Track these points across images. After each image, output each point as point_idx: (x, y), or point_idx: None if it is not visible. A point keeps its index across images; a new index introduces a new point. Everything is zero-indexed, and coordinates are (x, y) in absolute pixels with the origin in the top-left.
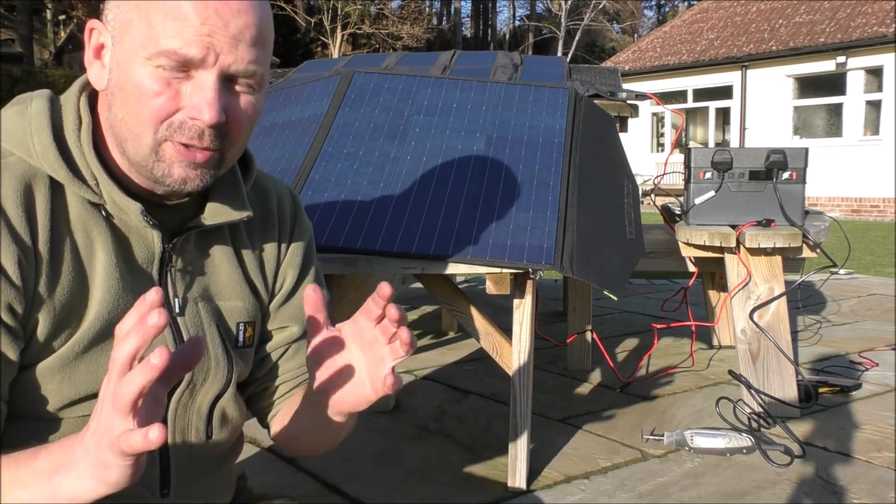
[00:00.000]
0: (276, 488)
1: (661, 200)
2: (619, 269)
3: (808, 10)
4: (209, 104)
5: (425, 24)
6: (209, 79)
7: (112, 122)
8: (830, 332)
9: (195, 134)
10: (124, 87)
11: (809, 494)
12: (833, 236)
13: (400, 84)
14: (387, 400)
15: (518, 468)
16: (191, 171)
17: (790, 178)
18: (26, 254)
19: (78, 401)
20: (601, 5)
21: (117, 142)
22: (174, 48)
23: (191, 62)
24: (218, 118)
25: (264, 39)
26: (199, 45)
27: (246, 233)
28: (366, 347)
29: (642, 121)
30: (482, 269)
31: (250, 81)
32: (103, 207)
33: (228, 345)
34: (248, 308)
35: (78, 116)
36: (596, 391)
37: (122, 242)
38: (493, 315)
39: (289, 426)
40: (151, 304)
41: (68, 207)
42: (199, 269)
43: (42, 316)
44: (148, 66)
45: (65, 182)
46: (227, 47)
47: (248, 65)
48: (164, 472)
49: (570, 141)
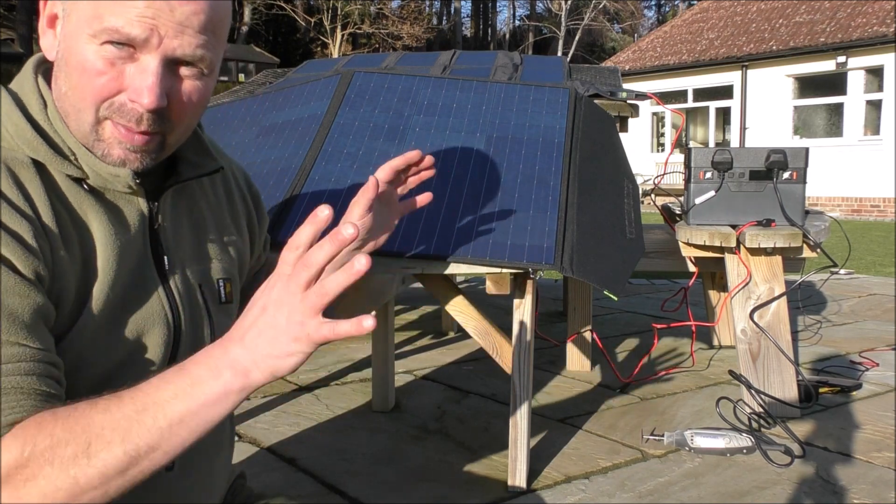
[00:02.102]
0: (275, 488)
1: (661, 200)
2: (620, 268)
3: (808, 10)
4: (149, 89)
5: (425, 24)
6: (152, 63)
7: (58, 95)
8: (831, 332)
9: (133, 117)
10: (69, 61)
11: (810, 494)
12: (833, 236)
13: (400, 84)
14: (387, 400)
15: (518, 468)
16: (130, 153)
17: (790, 177)
18: (38, 228)
19: (100, 374)
20: (601, 5)
21: (63, 115)
22: (116, 26)
23: (133, 42)
24: (157, 103)
25: (215, 25)
26: (142, 25)
27: (212, 191)
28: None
29: (642, 121)
30: (482, 269)
31: (198, 67)
32: (85, 182)
33: (210, 304)
34: (224, 266)
35: (40, 96)
36: (596, 391)
37: (111, 212)
38: (493, 315)
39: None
40: (328, 218)
41: (55, 186)
42: (179, 229)
43: (63, 294)
44: (93, 42)
45: (46, 160)
46: (173, 31)
47: (195, 49)
48: None
49: (570, 141)
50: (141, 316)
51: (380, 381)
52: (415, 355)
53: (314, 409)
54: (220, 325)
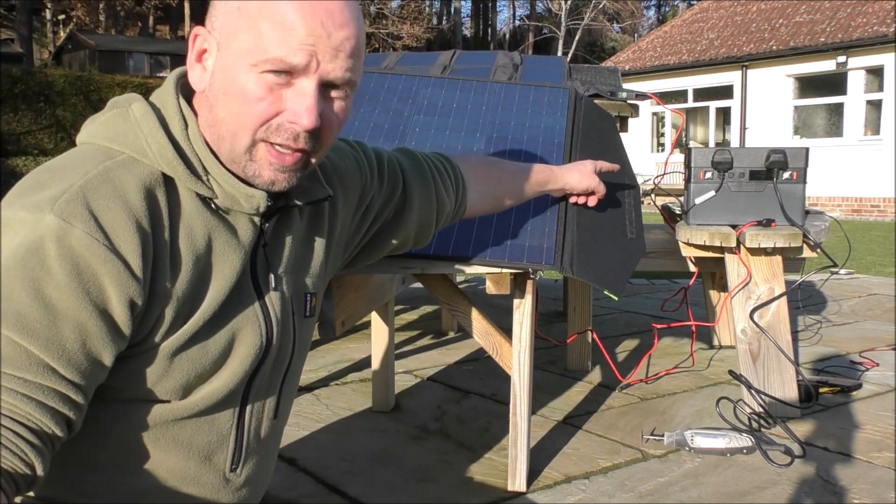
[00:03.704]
0: (275, 488)
1: (662, 200)
2: (620, 268)
3: (808, 10)
4: (308, 110)
5: (425, 24)
6: (309, 86)
7: (212, 121)
8: (831, 332)
9: (291, 136)
10: (229, 90)
11: (810, 494)
12: (833, 236)
13: (400, 84)
14: (387, 400)
15: (518, 468)
16: (279, 174)
17: (791, 177)
18: (149, 248)
19: (181, 386)
20: (601, 5)
21: (215, 140)
22: (281, 56)
23: (294, 69)
24: (315, 123)
25: (360, 51)
26: (304, 53)
27: (313, 206)
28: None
29: (642, 121)
30: (482, 269)
31: (345, 89)
32: (213, 201)
33: (296, 318)
34: (314, 280)
35: (182, 117)
36: (596, 391)
37: (231, 231)
38: (493, 315)
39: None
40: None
41: (181, 203)
42: (281, 247)
43: (168, 309)
44: (253, 72)
45: (181, 178)
46: (329, 56)
47: (345, 73)
48: (237, 449)
49: (571, 141)
50: (236, 328)
51: (380, 381)
52: (415, 355)
53: (314, 409)
54: (301, 339)
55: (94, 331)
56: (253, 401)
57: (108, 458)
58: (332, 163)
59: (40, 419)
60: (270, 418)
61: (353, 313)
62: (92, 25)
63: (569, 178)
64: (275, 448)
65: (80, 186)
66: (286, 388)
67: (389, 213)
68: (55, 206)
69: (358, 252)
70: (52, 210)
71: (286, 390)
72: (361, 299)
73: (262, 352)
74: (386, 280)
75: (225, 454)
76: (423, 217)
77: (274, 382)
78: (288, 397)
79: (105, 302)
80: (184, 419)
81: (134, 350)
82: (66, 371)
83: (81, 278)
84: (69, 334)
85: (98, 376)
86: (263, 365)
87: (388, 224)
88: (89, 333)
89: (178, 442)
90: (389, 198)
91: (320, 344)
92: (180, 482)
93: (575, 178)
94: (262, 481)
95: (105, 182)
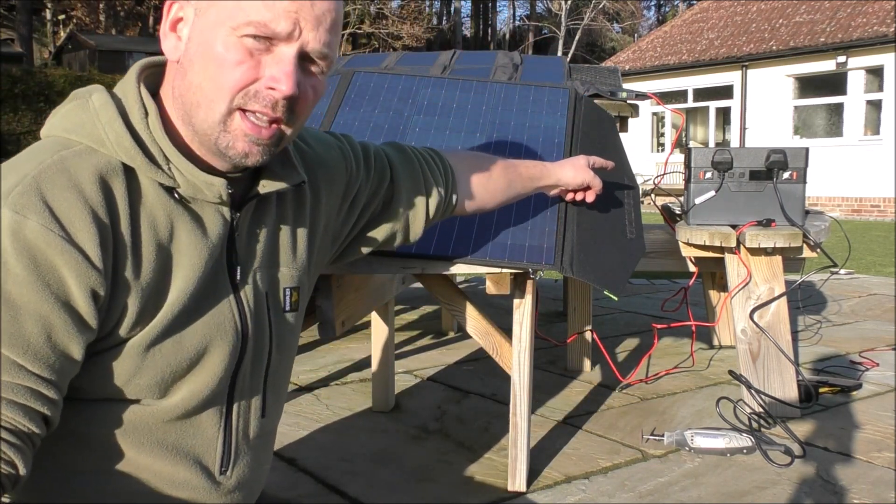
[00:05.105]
0: (275, 488)
1: (661, 200)
2: (620, 268)
3: (808, 10)
4: (287, 76)
5: (425, 24)
6: (289, 52)
7: (184, 90)
8: (831, 332)
9: (269, 103)
10: (206, 55)
11: (810, 494)
12: (833, 236)
13: (400, 84)
14: (387, 400)
15: (518, 468)
16: (254, 146)
17: (790, 177)
18: (108, 238)
19: (155, 383)
20: (601, 5)
21: (185, 110)
22: (264, 20)
23: (276, 36)
24: (294, 89)
25: (338, 27)
26: (288, 20)
27: (293, 196)
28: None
29: (642, 121)
30: (482, 269)
31: (322, 64)
32: (176, 191)
33: (272, 314)
34: (294, 273)
35: (142, 106)
36: (596, 391)
37: (197, 221)
38: (493, 315)
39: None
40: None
41: (143, 193)
42: (255, 239)
43: (130, 300)
44: (233, 35)
45: (141, 168)
46: (310, 26)
47: (324, 47)
48: (225, 451)
49: (571, 141)
50: (211, 322)
51: (380, 381)
52: (415, 355)
53: (314, 409)
54: (280, 334)
55: (57, 323)
56: (238, 400)
57: (91, 463)
58: (316, 153)
59: (13, 418)
60: (258, 417)
61: (353, 313)
62: (92, 25)
63: (562, 174)
64: (267, 447)
65: (33, 177)
66: (270, 386)
67: (378, 205)
68: (8, 199)
69: (347, 245)
70: (5, 204)
71: (271, 388)
72: (361, 299)
73: (240, 348)
74: (386, 280)
75: (213, 456)
76: (413, 209)
77: (256, 380)
78: (275, 395)
79: (66, 294)
80: (168, 422)
81: (102, 345)
82: (33, 367)
83: (40, 271)
84: (32, 329)
85: (69, 370)
86: (243, 363)
87: (378, 216)
88: (53, 327)
89: (163, 446)
90: (377, 189)
91: (320, 344)
92: (169, 486)
93: (569, 174)
94: (257, 482)
95: (59, 172)
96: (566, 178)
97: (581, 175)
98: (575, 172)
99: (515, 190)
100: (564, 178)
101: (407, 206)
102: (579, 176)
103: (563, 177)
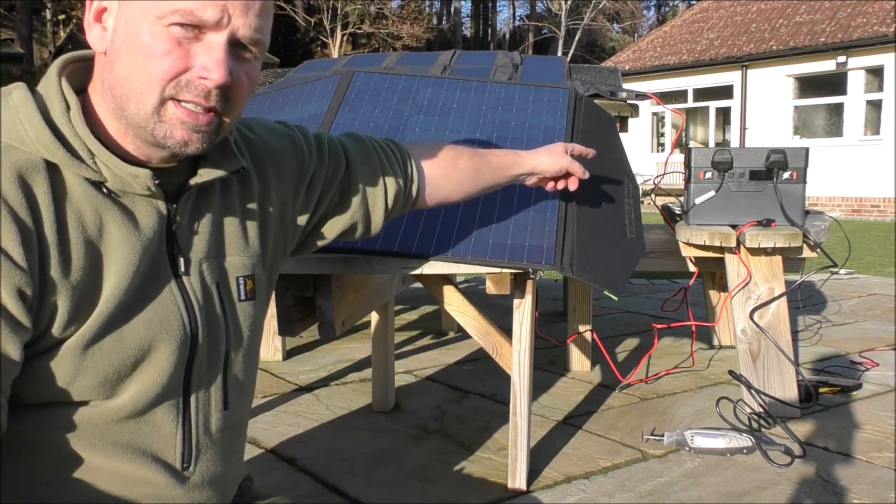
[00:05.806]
0: (275, 488)
1: (661, 200)
2: (620, 268)
3: (808, 10)
4: (218, 63)
5: (425, 24)
6: (219, 40)
7: (113, 82)
8: (831, 332)
9: (201, 93)
10: (133, 45)
11: (810, 494)
12: (833, 236)
13: (400, 84)
14: (387, 400)
15: (518, 468)
16: (193, 133)
17: (790, 177)
18: (31, 237)
19: (99, 383)
20: (601, 5)
21: (116, 103)
22: (190, 8)
23: (204, 24)
24: (226, 78)
25: (269, 12)
26: (215, 7)
27: (239, 184)
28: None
29: (642, 121)
30: (482, 269)
31: (254, 50)
32: (104, 185)
33: (226, 305)
34: (245, 262)
35: (64, 100)
36: (596, 391)
37: (129, 215)
38: (493, 315)
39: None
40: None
41: (68, 189)
42: (198, 229)
43: (60, 299)
44: (159, 24)
45: (63, 163)
46: (239, 11)
47: (254, 32)
48: (185, 446)
49: (571, 141)
50: (153, 317)
51: (380, 381)
52: (415, 355)
53: (314, 409)
54: (236, 323)
55: None
56: (196, 393)
57: (46, 471)
58: (262, 139)
59: None
60: (220, 410)
61: (353, 313)
62: None
63: (537, 161)
64: (235, 440)
65: None
66: (231, 377)
67: (335, 194)
68: None
69: (308, 235)
70: None
71: (232, 380)
72: (361, 299)
73: (189, 341)
74: (386, 280)
75: (173, 452)
76: (372, 199)
77: (214, 372)
78: (237, 387)
79: None
80: (120, 421)
81: (37, 347)
82: None
83: None
84: None
85: (9, 370)
86: (197, 356)
87: (336, 206)
88: None
89: (118, 445)
90: (333, 177)
91: (320, 344)
92: (130, 486)
93: (544, 161)
94: (229, 476)
95: None
96: (542, 166)
97: (558, 161)
98: (551, 159)
99: (484, 179)
100: (540, 165)
101: (365, 195)
102: (556, 162)
103: (539, 164)
